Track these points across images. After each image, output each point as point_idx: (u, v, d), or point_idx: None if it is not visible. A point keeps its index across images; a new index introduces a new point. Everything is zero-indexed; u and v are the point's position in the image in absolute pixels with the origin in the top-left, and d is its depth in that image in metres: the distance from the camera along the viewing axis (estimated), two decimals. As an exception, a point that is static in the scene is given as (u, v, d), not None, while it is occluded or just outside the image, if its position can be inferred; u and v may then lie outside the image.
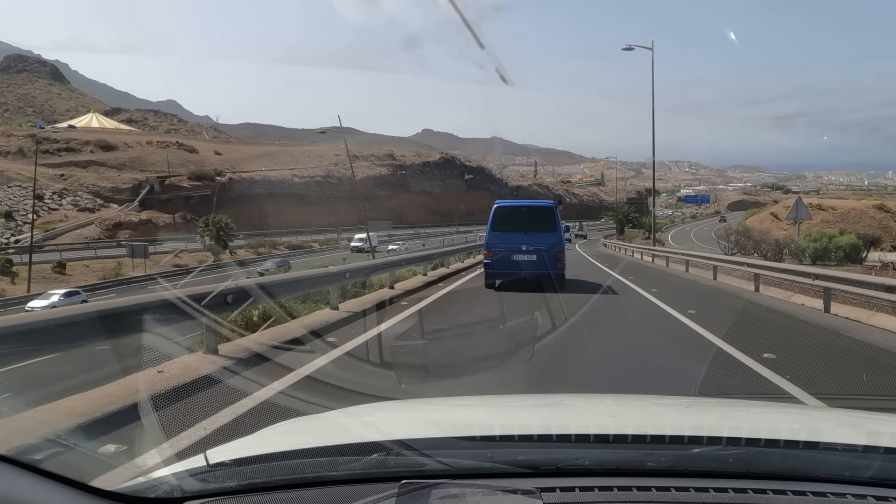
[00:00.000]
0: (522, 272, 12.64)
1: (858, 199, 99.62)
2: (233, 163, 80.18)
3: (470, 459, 1.32)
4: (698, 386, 4.96)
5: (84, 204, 61.73)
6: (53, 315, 4.45)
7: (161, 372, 4.96)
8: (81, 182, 64.38)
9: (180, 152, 78.91)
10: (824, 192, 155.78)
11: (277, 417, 2.16)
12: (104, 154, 72.14)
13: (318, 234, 67.24)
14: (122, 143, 78.03)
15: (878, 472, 1.27)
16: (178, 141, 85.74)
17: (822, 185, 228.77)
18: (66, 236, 53.46)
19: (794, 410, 2.76)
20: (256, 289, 6.78)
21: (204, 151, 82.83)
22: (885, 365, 6.53)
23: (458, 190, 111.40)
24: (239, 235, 63.74)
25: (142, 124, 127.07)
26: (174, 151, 78.44)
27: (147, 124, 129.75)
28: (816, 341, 7.94)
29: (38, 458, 1.31)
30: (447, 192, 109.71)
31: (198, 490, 1.23)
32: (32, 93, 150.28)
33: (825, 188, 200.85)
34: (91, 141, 74.59)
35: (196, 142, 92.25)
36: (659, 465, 1.30)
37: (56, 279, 37.74)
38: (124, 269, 41.67)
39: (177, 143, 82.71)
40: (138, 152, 74.87)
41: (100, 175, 66.72)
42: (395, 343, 6.72)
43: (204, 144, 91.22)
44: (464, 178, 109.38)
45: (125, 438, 3.50)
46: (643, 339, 7.91)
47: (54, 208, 59.46)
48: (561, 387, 5.16)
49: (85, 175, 65.93)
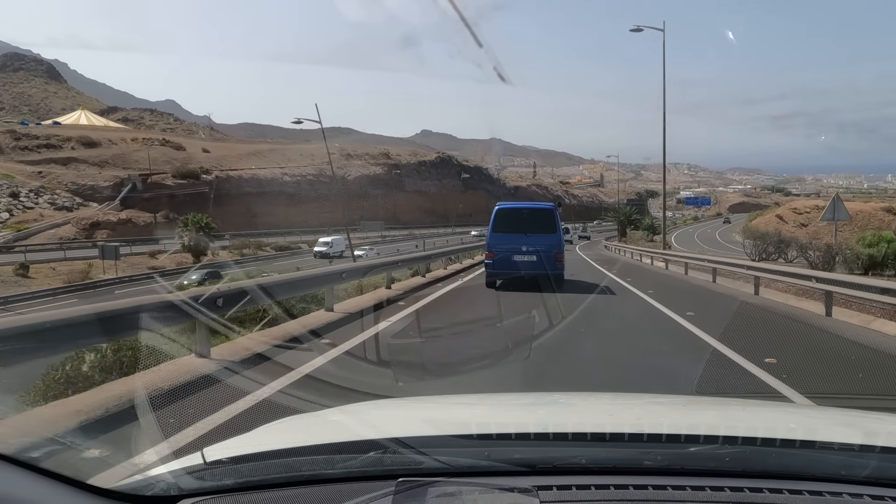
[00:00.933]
0: (522, 272, 12.83)
1: (865, 202, 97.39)
2: (221, 161, 77.42)
3: (467, 458, 1.32)
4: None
5: (62, 202, 58.92)
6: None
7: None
8: (60, 180, 61.59)
9: (166, 149, 76.12)
10: (825, 195, 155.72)
11: (274, 416, 2.03)
12: (86, 151, 69.35)
13: (308, 235, 64.53)
14: (106, 139, 75.18)
15: (874, 472, 1.27)
16: (164, 138, 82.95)
17: (821, 187, 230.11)
18: (40, 236, 50.60)
19: (790, 409, 2.81)
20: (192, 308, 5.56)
21: (192, 149, 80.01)
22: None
23: (455, 190, 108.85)
24: (224, 236, 61.56)
25: (137, 123, 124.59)
26: (160, 149, 75.66)
27: (143, 123, 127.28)
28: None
29: (36, 457, 1.27)
30: (444, 193, 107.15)
31: (195, 488, 1.23)
32: (28, 91, 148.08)
33: (825, 191, 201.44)
34: (73, 137, 71.77)
35: (184, 139, 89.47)
36: (656, 463, 1.30)
37: (17, 283, 34.99)
38: (94, 272, 38.91)
39: (163, 140, 79.89)
40: (122, 149, 72.08)
41: (80, 172, 63.96)
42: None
43: (192, 142, 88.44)
44: (461, 177, 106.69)
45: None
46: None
47: (30, 206, 56.65)
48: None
49: (64, 172, 63.16)
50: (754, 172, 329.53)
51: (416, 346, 6.73)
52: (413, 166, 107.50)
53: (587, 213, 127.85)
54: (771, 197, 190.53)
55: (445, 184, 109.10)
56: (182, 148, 78.51)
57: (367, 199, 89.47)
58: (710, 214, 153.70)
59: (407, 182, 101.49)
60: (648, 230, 64.38)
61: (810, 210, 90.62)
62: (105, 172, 65.17)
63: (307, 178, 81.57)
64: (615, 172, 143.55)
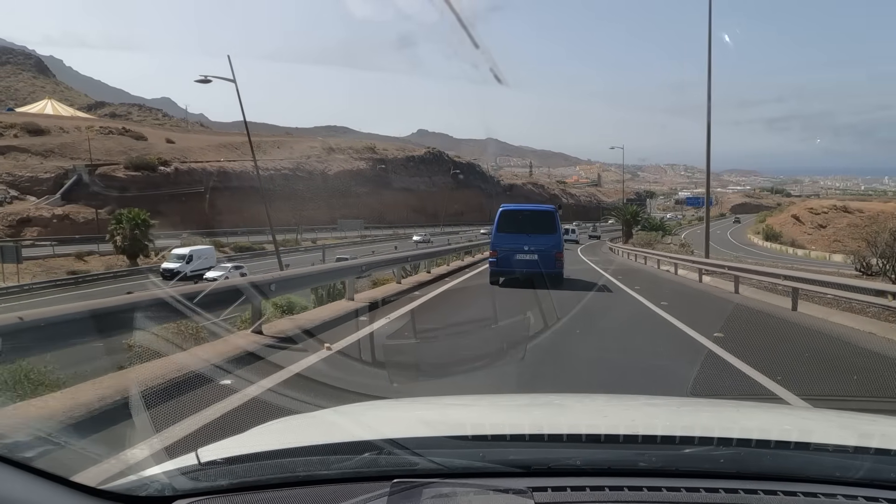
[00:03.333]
0: (524, 270, 13.36)
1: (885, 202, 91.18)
2: (185, 152, 70.02)
3: (461, 459, 1.32)
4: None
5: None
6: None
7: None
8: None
9: (125, 139, 68.57)
10: (824, 196, 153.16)
11: (268, 416, 1.99)
12: (31, 139, 61.76)
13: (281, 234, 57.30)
14: (57, 127, 67.64)
15: (868, 473, 1.27)
16: (124, 127, 75.38)
17: (820, 189, 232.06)
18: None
19: (785, 411, 2.81)
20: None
21: (154, 139, 72.45)
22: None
23: (447, 188, 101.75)
24: (182, 235, 54.69)
25: (125, 118, 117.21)
26: (117, 138, 68.10)
27: (131, 118, 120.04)
28: None
29: (29, 456, 1.27)
30: (434, 191, 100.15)
31: (189, 488, 1.22)
32: (15, 85, 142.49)
33: (825, 192, 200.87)
34: (17, 124, 64.25)
35: (146, 128, 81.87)
36: (650, 465, 1.30)
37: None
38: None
39: (122, 129, 72.38)
40: (73, 138, 64.42)
41: (18, 163, 56.46)
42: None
43: (157, 132, 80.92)
44: (452, 174, 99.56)
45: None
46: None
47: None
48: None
49: (1, 162, 55.71)
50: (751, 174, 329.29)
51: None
52: (401, 162, 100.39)
53: (586, 213, 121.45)
54: (772, 198, 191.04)
55: (436, 181, 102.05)
56: (143, 137, 70.96)
57: (349, 197, 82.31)
58: (713, 215, 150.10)
59: (394, 179, 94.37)
60: (658, 230, 57.50)
61: (827, 210, 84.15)
62: (48, 163, 57.63)
63: (282, 172, 74.29)
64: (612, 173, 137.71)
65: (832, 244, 72.94)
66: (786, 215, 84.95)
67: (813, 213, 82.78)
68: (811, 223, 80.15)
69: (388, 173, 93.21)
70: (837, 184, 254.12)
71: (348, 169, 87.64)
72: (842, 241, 75.52)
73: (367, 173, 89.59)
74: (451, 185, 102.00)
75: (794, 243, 73.69)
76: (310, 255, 46.34)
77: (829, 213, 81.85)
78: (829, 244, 72.85)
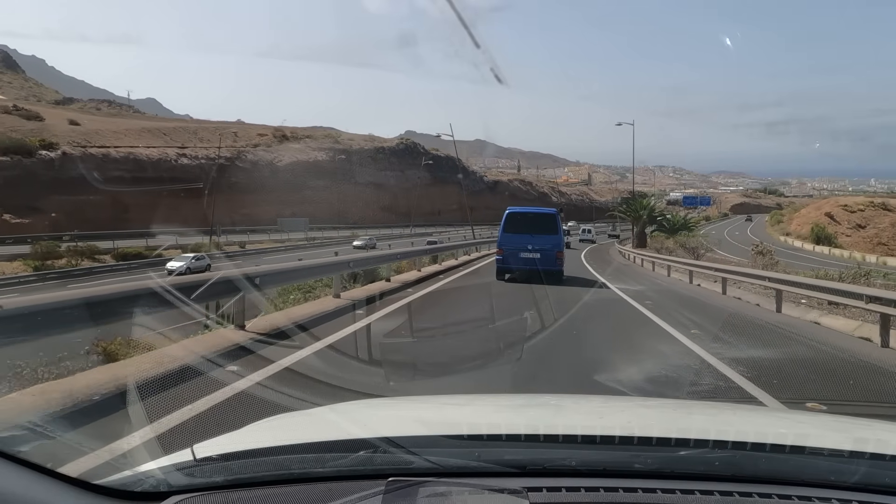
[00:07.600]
0: (528, 267, 14.71)
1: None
2: (90, 136, 56.40)
3: (457, 458, 1.31)
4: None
5: None
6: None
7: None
8: None
9: (12, 118, 54.89)
10: (817, 196, 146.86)
11: (263, 413, 1.99)
12: None
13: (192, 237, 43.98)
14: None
15: (863, 478, 1.27)
16: (15, 104, 61.56)
17: (813, 189, 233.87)
18: None
19: (781, 415, 2.79)
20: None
21: (53, 119, 58.68)
22: None
23: (421, 183, 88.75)
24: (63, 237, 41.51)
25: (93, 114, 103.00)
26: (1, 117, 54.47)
27: (99, 114, 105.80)
28: None
29: (24, 450, 1.27)
30: (407, 186, 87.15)
31: (184, 484, 1.22)
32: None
33: (818, 193, 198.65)
34: None
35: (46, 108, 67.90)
36: (646, 466, 1.30)
37: None
38: None
39: (13, 107, 58.59)
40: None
41: None
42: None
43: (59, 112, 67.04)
44: (427, 168, 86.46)
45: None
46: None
47: None
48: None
49: None
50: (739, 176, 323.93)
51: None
52: (368, 153, 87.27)
53: (577, 213, 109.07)
54: (768, 198, 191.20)
55: (409, 175, 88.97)
56: (39, 118, 57.18)
57: (302, 192, 69.11)
58: (716, 215, 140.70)
59: (359, 172, 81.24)
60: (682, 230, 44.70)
61: (864, 208, 72.50)
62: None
63: (215, 161, 60.87)
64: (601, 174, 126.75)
65: (876, 247, 61.41)
66: (818, 214, 73.16)
67: (849, 212, 71.02)
68: (848, 223, 68.36)
69: (351, 165, 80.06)
70: (825, 185, 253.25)
71: (303, 160, 74.38)
72: (887, 243, 64.08)
73: (326, 166, 76.39)
74: (427, 180, 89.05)
75: (834, 245, 61.80)
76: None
77: (867, 212, 70.11)
78: (872, 247, 61.26)
